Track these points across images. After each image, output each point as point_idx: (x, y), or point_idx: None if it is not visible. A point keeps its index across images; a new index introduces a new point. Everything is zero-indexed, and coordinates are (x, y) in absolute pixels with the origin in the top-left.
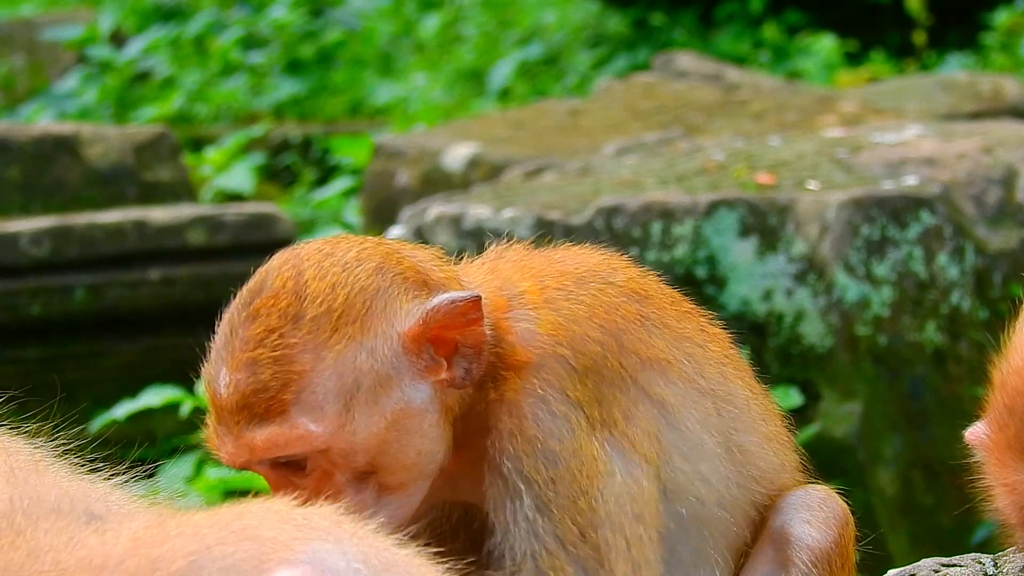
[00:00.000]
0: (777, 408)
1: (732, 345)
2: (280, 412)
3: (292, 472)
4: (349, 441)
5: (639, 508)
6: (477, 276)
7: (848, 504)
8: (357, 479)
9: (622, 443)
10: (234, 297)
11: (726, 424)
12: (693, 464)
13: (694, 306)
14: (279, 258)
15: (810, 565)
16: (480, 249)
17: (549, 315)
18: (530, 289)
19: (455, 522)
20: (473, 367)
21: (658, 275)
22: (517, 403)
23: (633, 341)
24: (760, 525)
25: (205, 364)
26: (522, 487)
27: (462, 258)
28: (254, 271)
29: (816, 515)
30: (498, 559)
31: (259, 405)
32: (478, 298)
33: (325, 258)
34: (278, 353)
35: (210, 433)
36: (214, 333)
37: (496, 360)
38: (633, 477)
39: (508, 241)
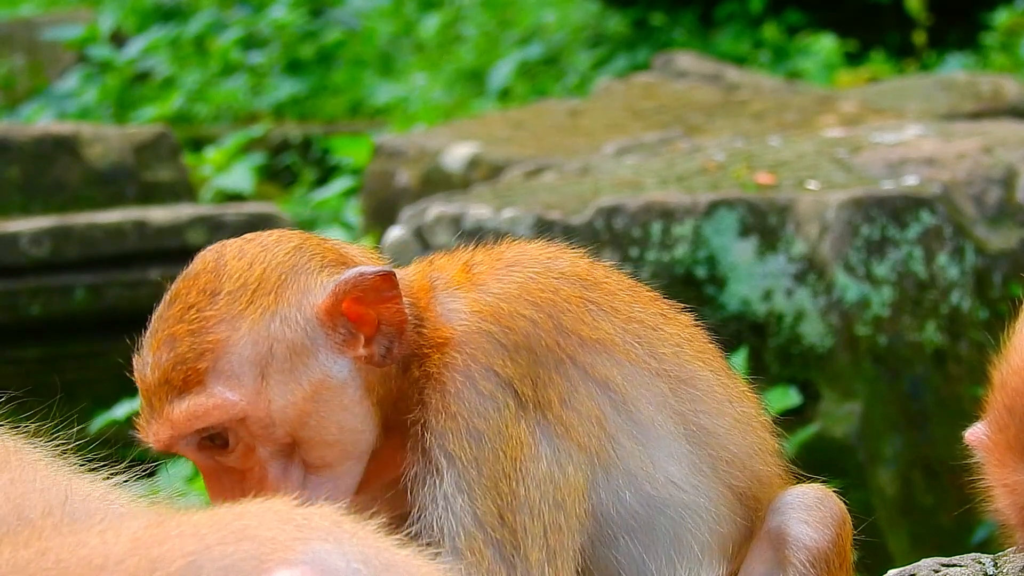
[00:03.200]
0: (748, 390)
1: (698, 330)
2: (197, 382)
3: (217, 451)
4: (266, 409)
5: (561, 495)
6: (408, 269)
7: (846, 503)
8: (281, 454)
9: (555, 427)
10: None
11: (685, 406)
12: (647, 447)
13: (653, 293)
14: (208, 248)
15: (808, 565)
16: None
17: (475, 294)
18: (458, 273)
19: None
20: (394, 346)
21: (614, 265)
22: (441, 379)
23: (573, 321)
24: (750, 516)
25: (135, 356)
26: (444, 464)
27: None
28: None
29: (813, 514)
30: (415, 536)
31: (177, 378)
32: (390, 273)
33: (247, 243)
34: (195, 326)
35: (139, 422)
36: None
37: (420, 340)
38: (559, 464)
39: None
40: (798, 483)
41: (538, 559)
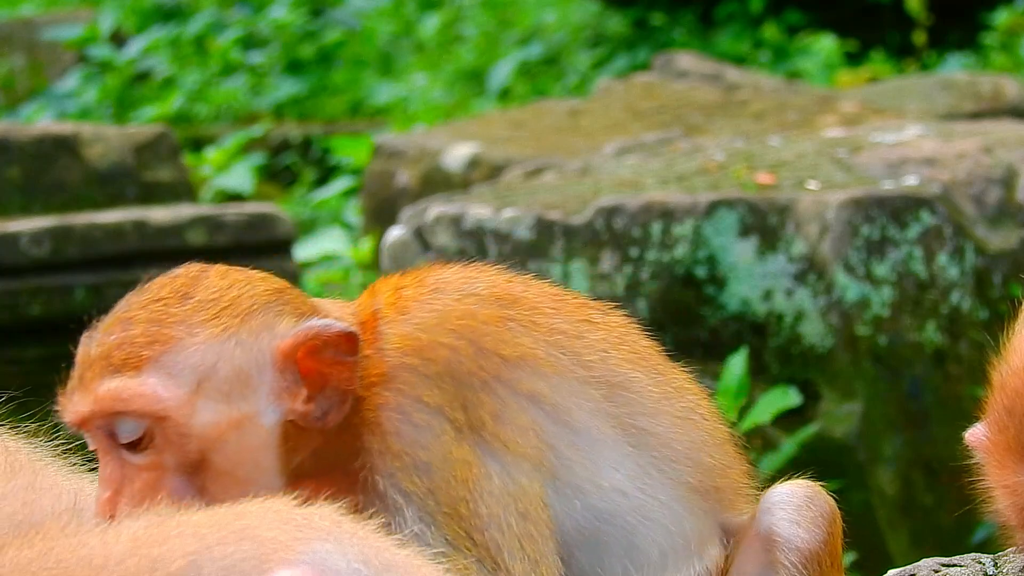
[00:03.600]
0: (691, 384)
1: (629, 329)
2: (135, 366)
3: (126, 445)
4: (187, 420)
5: (523, 506)
6: (363, 302)
7: (838, 500)
8: (185, 470)
9: (493, 444)
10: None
11: (621, 410)
12: (587, 454)
13: (579, 299)
14: (194, 262)
15: (800, 567)
16: (480, 249)
17: (399, 328)
18: (388, 300)
19: None
20: (331, 413)
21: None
22: (378, 420)
23: (493, 342)
24: (713, 506)
25: (83, 337)
26: (402, 502)
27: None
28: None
29: (804, 514)
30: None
31: (118, 356)
32: (353, 335)
33: (235, 270)
34: (154, 316)
35: (61, 396)
36: None
37: (360, 380)
38: (511, 476)
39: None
40: (789, 478)
41: (523, 570)
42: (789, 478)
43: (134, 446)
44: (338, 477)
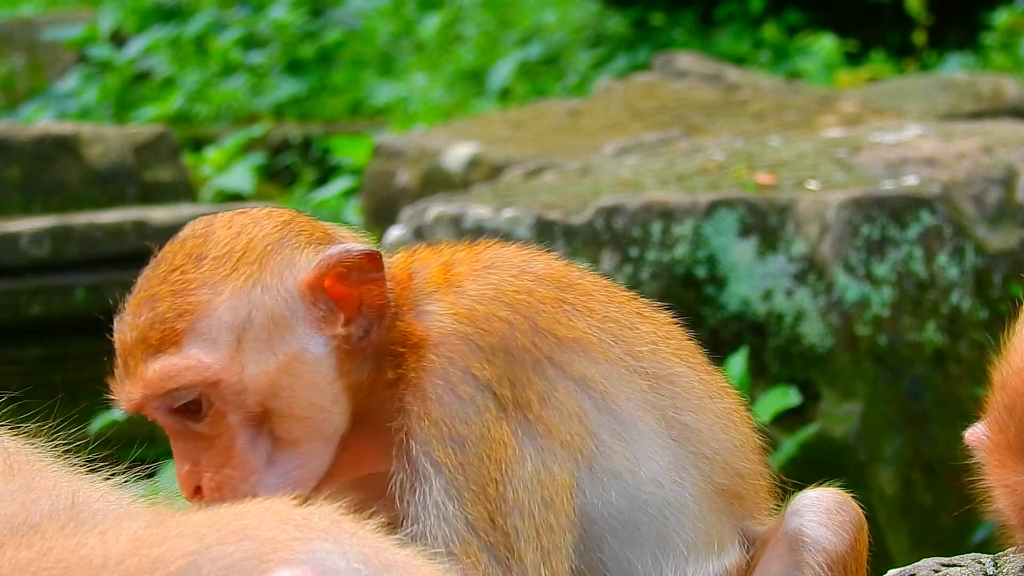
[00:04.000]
0: (730, 388)
1: (675, 327)
2: (174, 342)
3: (188, 416)
4: (239, 375)
5: (549, 495)
6: (395, 256)
7: (862, 507)
8: (251, 423)
9: (536, 427)
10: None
11: (665, 403)
12: (628, 443)
13: (629, 293)
14: (199, 218)
15: (825, 568)
16: None
17: (452, 296)
18: (436, 273)
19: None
20: (373, 329)
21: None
22: (421, 384)
23: (549, 322)
24: (734, 513)
25: (116, 318)
26: (431, 471)
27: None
28: None
29: (833, 518)
30: (409, 542)
31: (154, 336)
32: (375, 253)
33: (237, 214)
34: (176, 287)
35: (113, 383)
36: None
37: (397, 336)
38: (544, 464)
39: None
40: (813, 485)
41: (533, 560)
42: (818, 485)
43: (196, 416)
44: (381, 437)
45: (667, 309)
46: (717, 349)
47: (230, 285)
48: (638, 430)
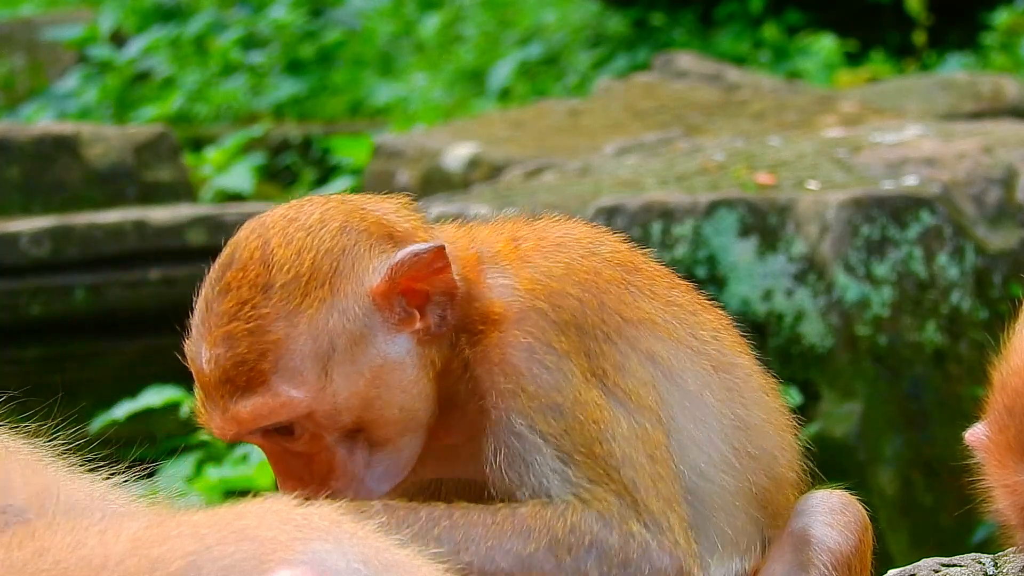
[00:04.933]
0: (776, 388)
1: (730, 323)
2: (261, 382)
3: (283, 438)
4: (331, 402)
5: (651, 450)
6: (449, 233)
7: (867, 510)
8: (346, 437)
9: (616, 393)
10: (208, 271)
11: (728, 388)
12: (696, 422)
13: (688, 284)
14: (246, 228)
15: (830, 568)
16: None
17: (525, 271)
18: (504, 248)
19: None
20: (447, 313)
21: (666, 263)
22: (508, 360)
23: (615, 302)
24: (767, 516)
25: (187, 341)
26: (540, 442)
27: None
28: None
29: (838, 519)
30: (539, 509)
31: (240, 377)
32: (441, 248)
33: (290, 224)
34: (252, 324)
35: (199, 408)
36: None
37: (472, 314)
38: (637, 421)
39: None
40: (818, 487)
41: (659, 507)
42: (821, 486)
43: (291, 438)
44: (459, 409)
45: None
46: None
47: (305, 314)
48: (704, 410)
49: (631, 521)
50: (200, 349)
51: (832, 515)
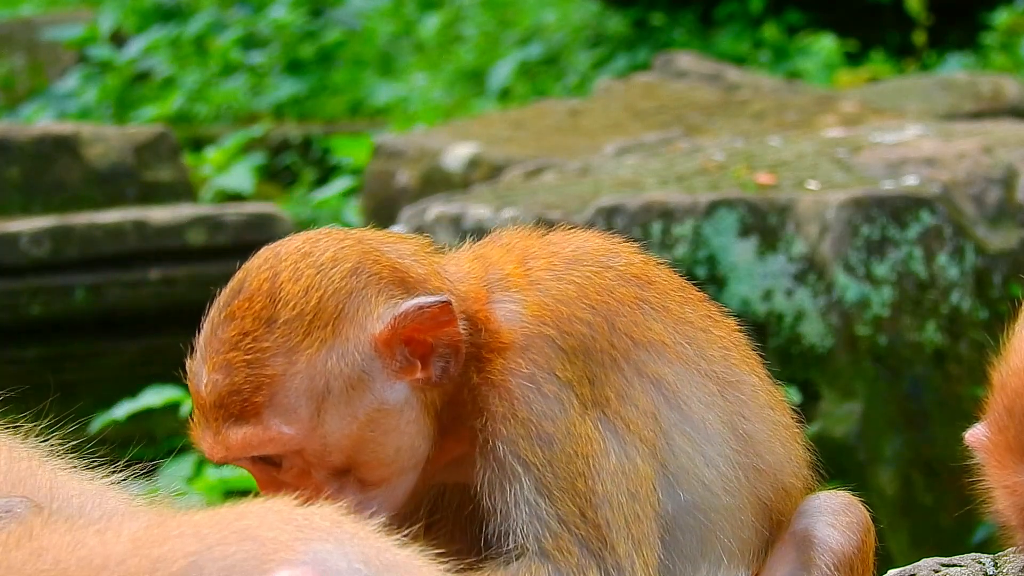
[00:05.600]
0: (786, 401)
1: (741, 335)
2: (254, 414)
3: (272, 468)
4: (322, 443)
5: (634, 486)
6: (463, 266)
7: (868, 510)
8: (336, 476)
9: (615, 422)
10: (220, 293)
11: (732, 409)
12: (697, 445)
13: (702, 294)
14: (260, 256)
15: (833, 568)
16: None
17: (534, 296)
18: (514, 272)
19: (451, 507)
20: (451, 365)
21: (668, 265)
22: (506, 385)
23: (626, 323)
24: (772, 526)
25: (189, 359)
26: (520, 470)
27: (455, 246)
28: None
29: (840, 519)
30: (499, 541)
31: (234, 406)
32: (447, 303)
33: (302, 258)
34: (251, 356)
35: (194, 426)
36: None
37: (479, 344)
38: (627, 456)
39: (511, 226)
40: (817, 489)
41: (626, 550)
42: (824, 487)
43: (280, 468)
44: (463, 435)
45: None
46: None
47: (304, 353)
48: (706, 433)
49: (590, 571)
50: (200, 371)
51: (835, 516)
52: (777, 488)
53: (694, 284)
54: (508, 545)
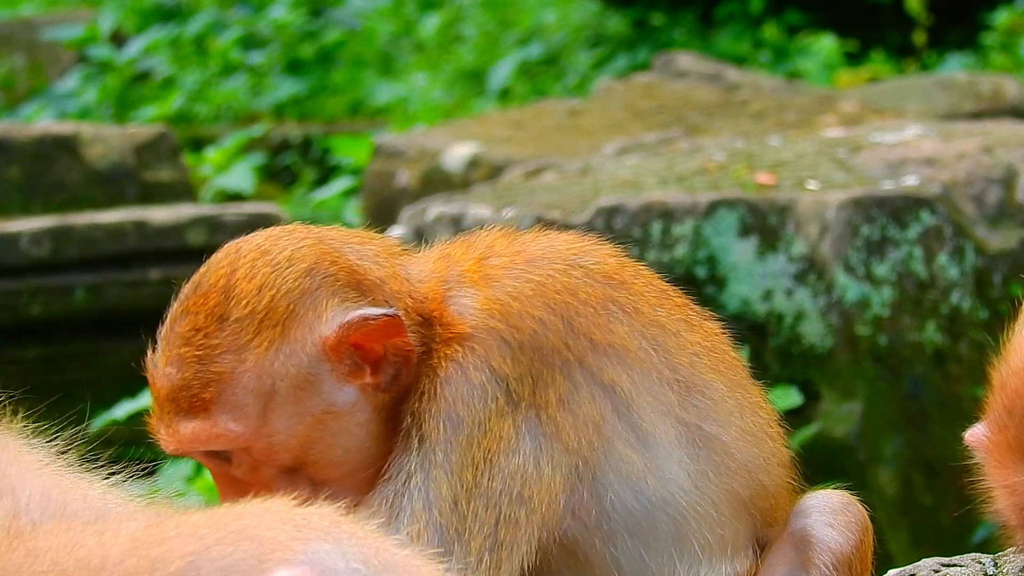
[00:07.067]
0: (765, 403)
1: (721, 339)
2: (202, 409)
3: (224, 462)
4: (268, 441)
5: (528, 492)
6: (427, 266)
7: (867, 509)
8: (285, 473)
9: (545, 427)
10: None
11: (691, 414)
12: (646, 453)
13: (683, 298)
14: (223, 251)
15: (832, 568)
16: None
17: (487, 291)
18: (472, 268)
19: None
20: (402, 373)
21: (650, 269)
22: (438, 370)
23: (586, 324)
24: (758, 521)
25: (150, 351)
26: (415, 443)
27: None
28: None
29: (839, 519)
30: (374, 505)
31: (184, 401)
32: (394, 316)
33: (260, 256)
34: (202, 352)
35: (151, 417)
36: None
37: (434, 337)
38: (536, 461)
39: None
40: (815, 488)
41: (478, 547)
42: (822, 486)
43: (231, 463)
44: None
45: None
46: None
47: (253, 353)
48: (656, 440)
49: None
50: (156, 363)
51: (833, 515)
52: (754, 486)
53: (694, 284)
54: (378, 513)
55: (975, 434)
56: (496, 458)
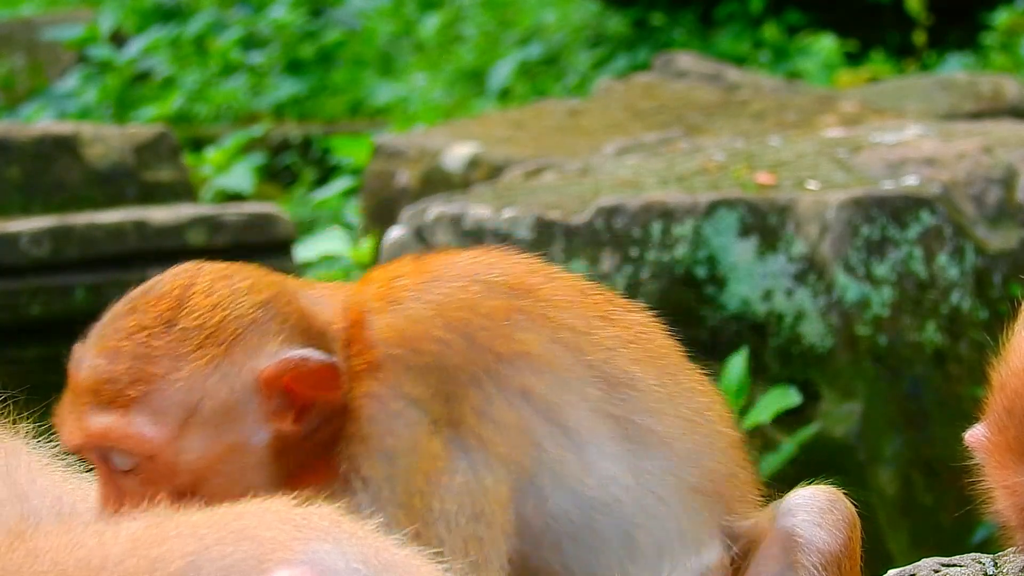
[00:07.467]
0: (704, 387)
1: (647, 329)
2: (122, 406)
3: (120, 472)
4: (176, 456)
5: (480, 507)
6: (356, 288)
7: (856, 505)
8: (178, 494)
9: (469, 440)
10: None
11: (619, 408)
12: (578, 452)
13: (603, 295)
14: (183, 266)
15: (820, 568)
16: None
17: (388, 318)
18: (380, 289)
19: None
20: (320, 429)
21: (568, 271)
22: (357, 408)
23: (489, 337)
24: (715, 508)
25: (79, 344)
26: (359, 486)
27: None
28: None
29: (826, 517)
30: None
31: (106, 393)
32: (332, 366)
33: (222, 279)
34: (140, 350)
35: (59, 410)
36: None
37: (351, 368)
38: (477, 476)
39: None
40: (804, 483)
41: (459, 571)
42: (810, 483)
43: (127, 472)
44: (321, 466)
45: (667, 309)
46: (717, 349)
47: (191, 364)
48: (588, 438)
49: None
50: (86, 354)
51: (821, 514)
52: (701, 472)
53: (694, 284)
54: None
55: (975, 434)
56: (438, 479)
